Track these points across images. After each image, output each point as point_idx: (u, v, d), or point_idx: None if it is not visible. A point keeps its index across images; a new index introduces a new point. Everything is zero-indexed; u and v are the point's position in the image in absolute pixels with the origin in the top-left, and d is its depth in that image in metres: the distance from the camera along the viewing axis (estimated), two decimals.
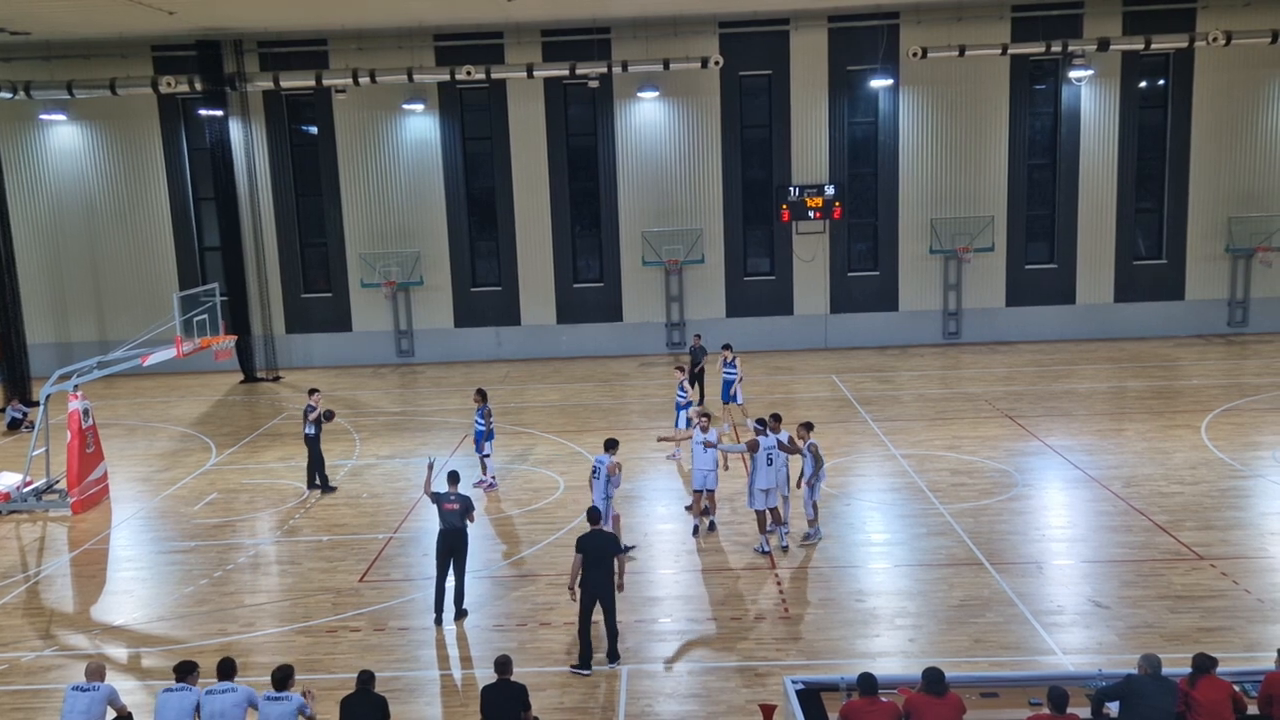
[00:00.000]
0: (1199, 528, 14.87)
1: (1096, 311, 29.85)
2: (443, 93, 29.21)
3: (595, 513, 11.79)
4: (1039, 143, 29.70)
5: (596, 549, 11.33)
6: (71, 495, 17.57)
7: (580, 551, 11.32)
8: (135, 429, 23.72)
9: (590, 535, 11.47)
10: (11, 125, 28.91)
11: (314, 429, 17.99)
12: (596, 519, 11.68)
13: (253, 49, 28.42)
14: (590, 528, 11.60)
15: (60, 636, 12.86)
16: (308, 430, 18.02)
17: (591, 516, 11.73)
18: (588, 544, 11.36)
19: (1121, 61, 28.53)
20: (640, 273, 29.95)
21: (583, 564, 11.27)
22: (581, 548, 11.35)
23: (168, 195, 29.89)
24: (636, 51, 27.97)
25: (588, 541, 11.39)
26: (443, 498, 12.78)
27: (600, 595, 11.27)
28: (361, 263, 29.83)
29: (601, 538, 11.47)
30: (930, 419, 21.76)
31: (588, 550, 11.31)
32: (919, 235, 29.56)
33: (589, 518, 11.74)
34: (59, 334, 30.11)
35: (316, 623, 12.87)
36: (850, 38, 28.63)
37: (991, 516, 15.65)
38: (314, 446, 18.10)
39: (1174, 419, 20.92)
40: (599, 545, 11.37)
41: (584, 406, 23.94)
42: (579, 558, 11.31)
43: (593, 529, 11.56)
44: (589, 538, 11.42)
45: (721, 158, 29.51)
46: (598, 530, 11.55)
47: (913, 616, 12.46)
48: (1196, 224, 29.37)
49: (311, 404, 18.09)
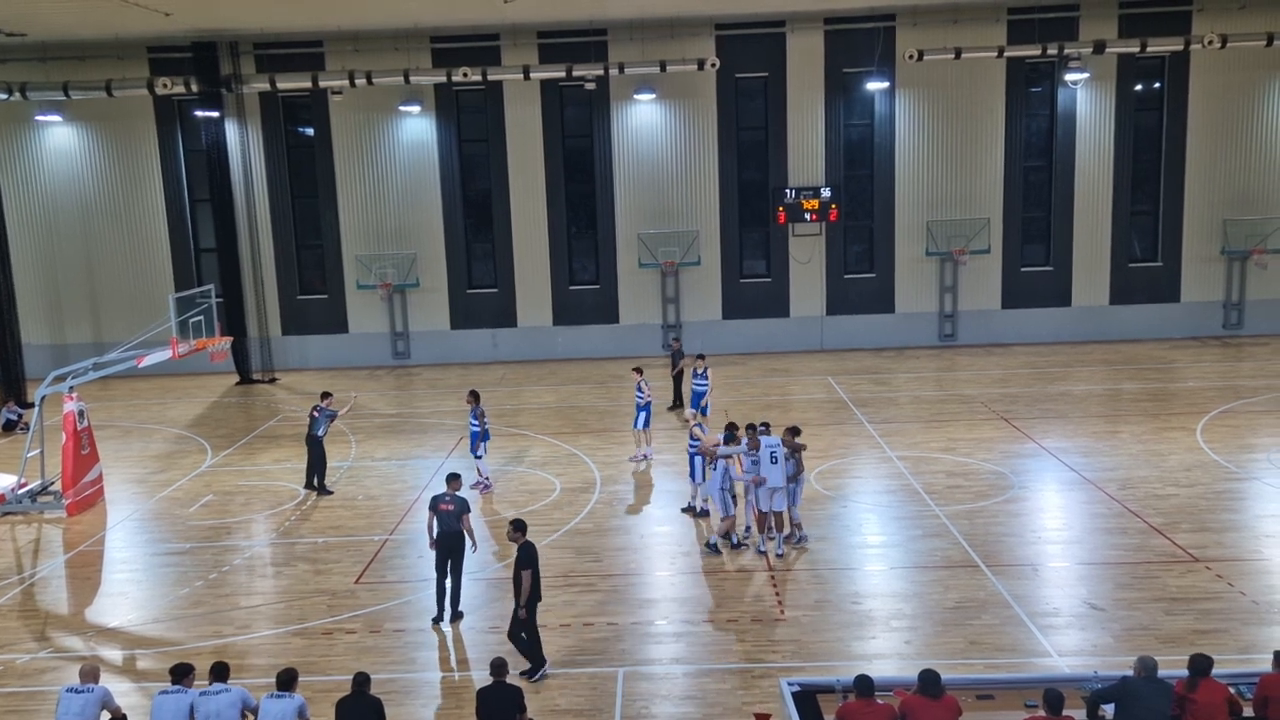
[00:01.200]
0: (1194, 530, 14.89)
1: (1092, 314, 29.89)
2: (439, 94, 29.20)
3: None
4: (1035, 145, 29.75)
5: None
6: (66, 497, 17.54)
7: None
8: (130, 431, 23.68)
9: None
10: (7, 126, 28.86)
11: (324, 430, 18.06)
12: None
13: (249, 50, 28.40)
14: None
15: (55, 638, 12.83)
16: (319, 432, 18.08)
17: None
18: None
19: (1117, 64, 28.58)
20: (636, 274, 29.95)
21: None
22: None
23: (163, 197, 29.84)
24: (633, 53, 27.99)
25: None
26: (439, 498, 12.75)
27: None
28: (357, 264, 29.80)
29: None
30: (926, 421, 21.78)
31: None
32: (915, 237, 29.59)
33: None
34: (54, 335, 30.04)
35: (312, 625, 12.85)
36: (846, 40, 28.67)
37: (987, 519, 15.66)
38: (319, 449, 18.14)
39: (1169, 421, 20.96)
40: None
41: (580, 408, 23.94)
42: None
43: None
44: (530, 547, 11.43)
45: (718, 160, 29.52)
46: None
47: (908, 618, 12.46)
48: (1192, 226, 29.43)
49: (323, 405, 18.20)
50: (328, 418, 18.20)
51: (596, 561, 14.61)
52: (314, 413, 18.29)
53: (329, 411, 18.24)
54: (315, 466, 18.26)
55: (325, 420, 18.17)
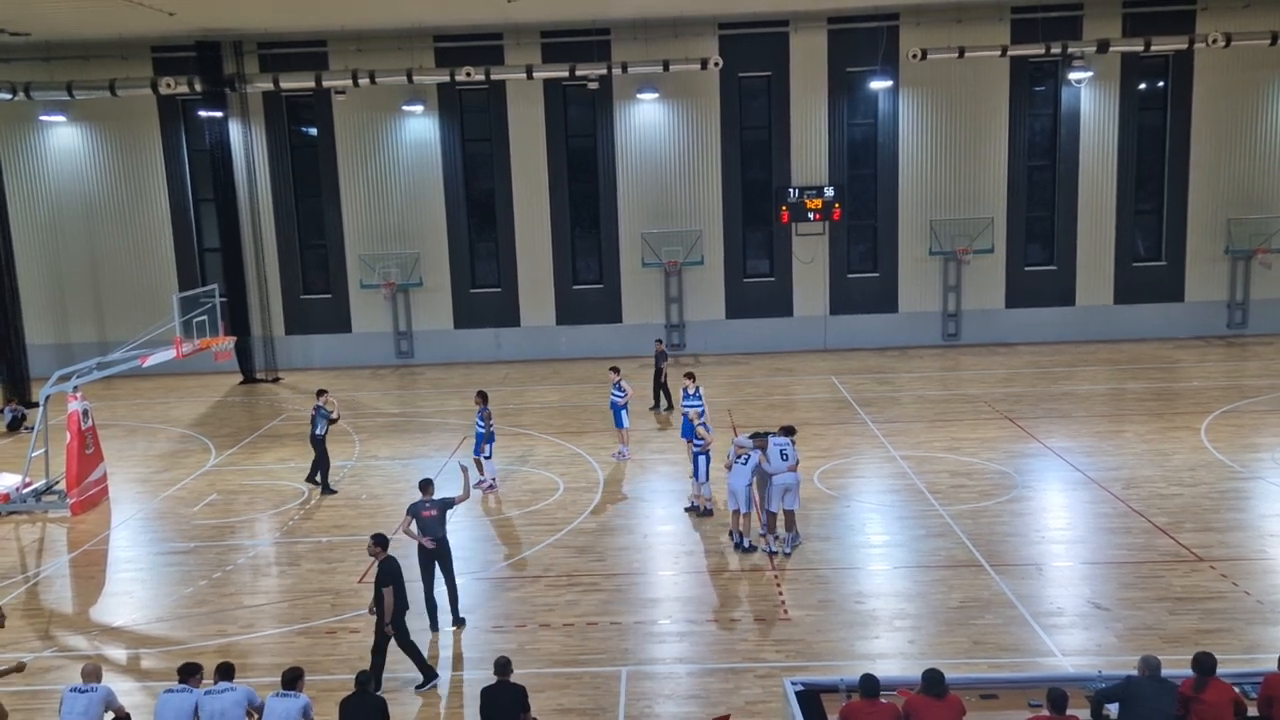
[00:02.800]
0: (1198, 529, 14.87)
1: (1096, 313, 29.85)
2: (442, 94, 29.22)
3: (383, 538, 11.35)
4: (1038, 144, 29.71)
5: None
6: (71, 496, 17.56)
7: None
8: (135, 430, 23.71)
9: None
10: (11, 126, 28.90)
11: (324, 429, 18.08)
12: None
13: (252, 50, 28.43)
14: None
15: (59, 637, 12.85)
16: (318, 431, 18.09)
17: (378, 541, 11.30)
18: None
19: (1121, 63, 28.54)
20: (640, 274, 29.95)
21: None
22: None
23: (167, 196, 29.89)
24: (636, 53, 27.98)
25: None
26: (419, 506, 12.46)
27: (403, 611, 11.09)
28: (361, 264, 29.83)
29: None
30: (930, 420, 21.76)
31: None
32: (918, 237, 29.57)
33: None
34: (58, 335, 30.10)
35: (316, 624, 12.86)
36: (850, 39, 28.65)
37: (991, 518, 15.65)
38: (322, 448, 18.19)
39: (1173, 421, 20.92)
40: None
41: (583, 408, 23.93)
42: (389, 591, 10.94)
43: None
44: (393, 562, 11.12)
45: (721, 159, 29.52)
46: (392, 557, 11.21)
47: (912, 618, 12.45)
48: (1196, 225, 29.39)
49: (320, 404, 18.24)
50: (324, 417, 18.22)
51: (600, 561, 14.61)
52: (313, 412, 18.33)
53: (324, 411, 18.27)
54: (319, 465, 18.30)
55: (322, 419, 18.20)
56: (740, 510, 14.59)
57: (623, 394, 19.59)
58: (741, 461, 14.43)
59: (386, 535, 11.38)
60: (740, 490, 14.43)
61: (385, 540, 11.22)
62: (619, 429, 19.74)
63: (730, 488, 14.59)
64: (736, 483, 14.44)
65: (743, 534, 14.71)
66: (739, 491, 14.45)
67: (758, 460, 14.36)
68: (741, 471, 14.40)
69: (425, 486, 12.81)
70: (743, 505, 14.53)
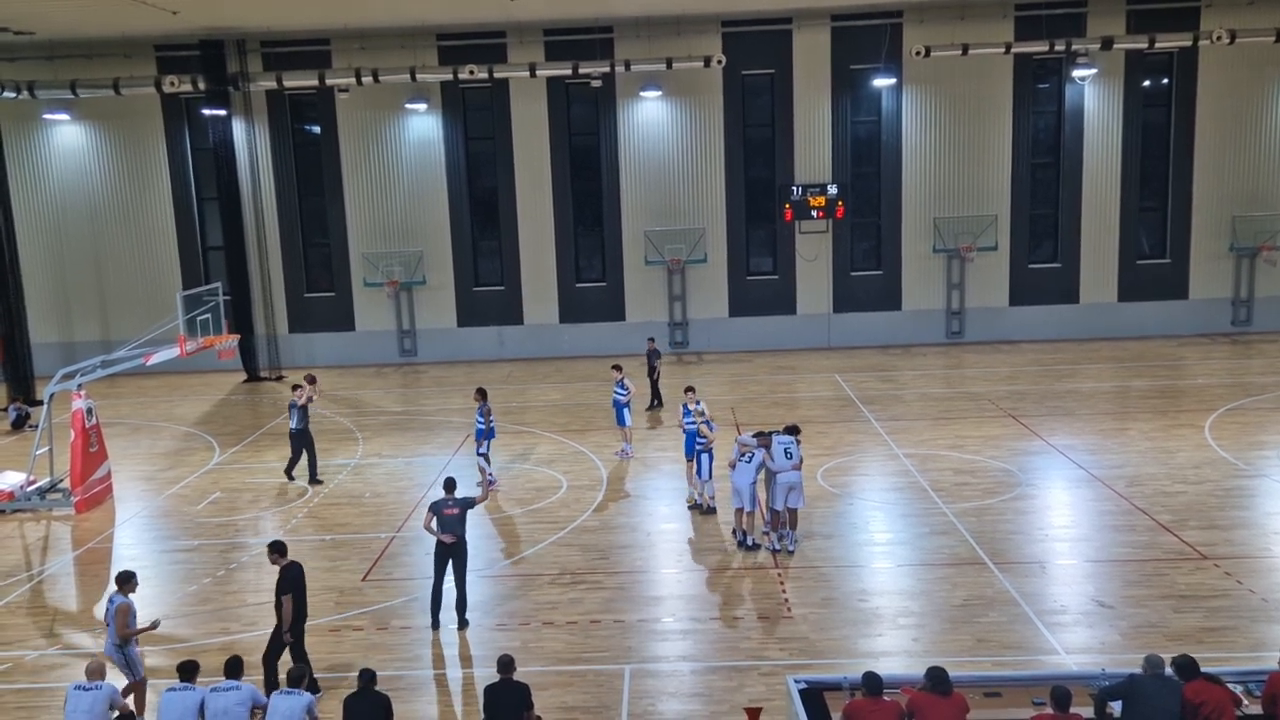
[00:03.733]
0: (1203, 527, 14.84)
1: (1100, 311, 29.80)
2: (445, 92, 29.22)
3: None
4: (1042, 141, 29.66)
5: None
6: (75, 494, 17.59)
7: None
8: (138, 428, 23.75)
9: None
10: (15, 125, 28.89)
11: (299, 422, 18.30)
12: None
13: (256, 49, 28.45)
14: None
15: (63, 635, 12.87)
16: (295, 425, 18.34)
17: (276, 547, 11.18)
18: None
19: (1125, 60, 28.49)
20: (643, 272, 29.94)
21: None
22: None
23: (171, 195, 29.92)
24: (639, 51, 27.96)
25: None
26: (442, 504, 12.50)
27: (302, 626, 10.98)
28: (364, 262, 29.84)
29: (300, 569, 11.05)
30: (933, 418, 21.74)
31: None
32: (922, 234, 29.54)
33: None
34: (62, 333, 30.14)
35: (319, 621, 12.85)
36: (853, 37, 28.61)
37: (995, 516, 15.63)
38: (299, 441, 18.45)
39: (1178, 418, 20.89)
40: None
41: (586, 406, 23.93)
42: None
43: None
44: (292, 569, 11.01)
45: (724, 157, 29.50)
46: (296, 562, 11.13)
47: (916, 616, 12.44)
48: (1200, 223, 29.33)
49: (295, 399, 18.45)
50: (296, 410, 18.41)
51: (603, 559, 14.61)
52: (293, 405, 18.66)
53: (294, 404, 18.47)
54: (295, 460, 18.66)
55: (294, 412, 18.39)
56: (744, 509, 14.58)
57: (625, 392, 19.60)
58: (745, 460, 14.42)
59: (284, 542, 11.21)
60: (744, 488, 14.43)
61: (283, 548, 11.09)
62: (621, 427, 19.74)
63: (734, 486, 14.58)
64: (740, 481, 14.43)
65: (746, 532, 14.71)
66: (743, 490, 14.45)
67: (762, 459, 14.35)
68: (745, 470, 14.39)
69: (449, 485, 12.85)
70: (746, 503, 14.52)
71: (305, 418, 18.49)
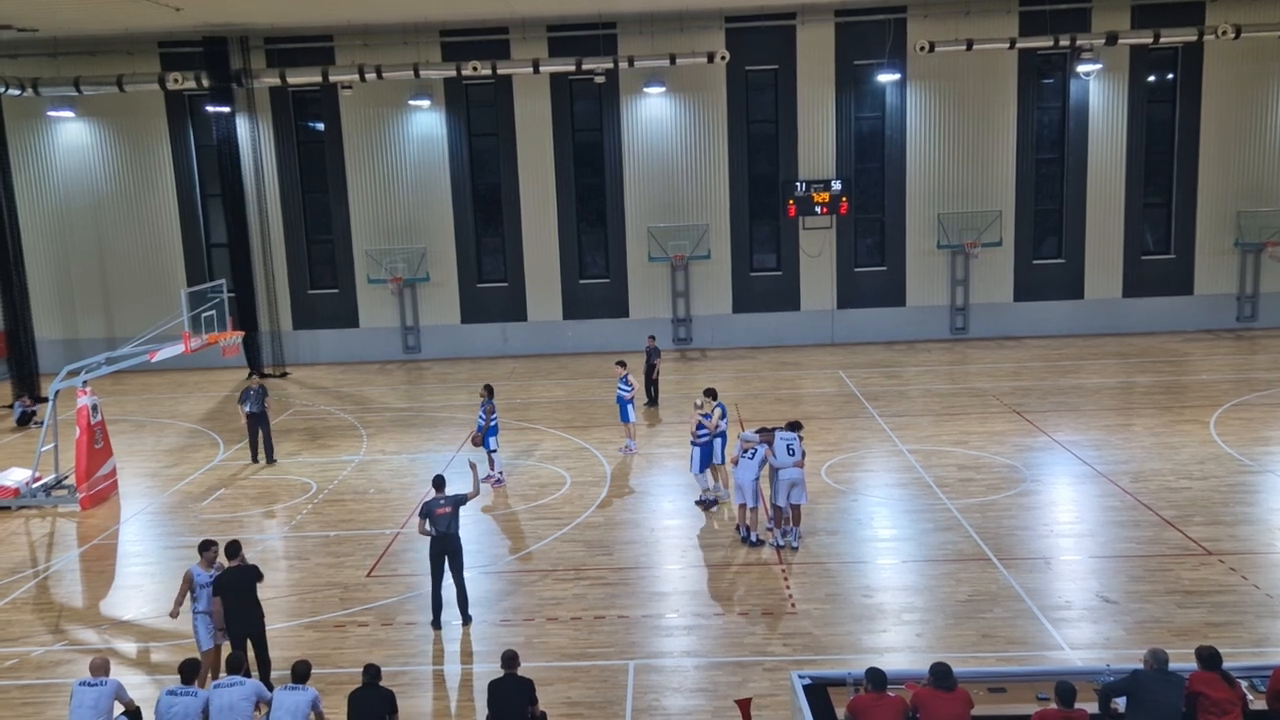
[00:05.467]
0: (1207, 523, 14.82)
1: (1105, 306, 29.76)
2: (449, 89, 29.21)
3: (234, 545, 11.16)
4: (1047, 137, 29.60)
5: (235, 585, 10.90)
6: (80, 491, 17.63)
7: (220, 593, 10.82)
8: (143, 425, 23.79)
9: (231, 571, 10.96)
10: (19, 122, 28.88)
11: (257, 407, 19.62)
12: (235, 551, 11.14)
13: (259, 45, 28.46)
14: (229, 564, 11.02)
15: (69, 631, 12.91)
16: (255, 409, 19.59)
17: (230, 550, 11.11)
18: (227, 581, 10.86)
19: (1130, 55, 28.40)
20: (646, 268, 29.93)
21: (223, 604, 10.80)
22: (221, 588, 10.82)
23: (175, 192, 29.94)
24: (642, 47, 27.93)
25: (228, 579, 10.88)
26: (433, 504, 12.44)
27: (247, 631, 10.85)
28: (368, 259, 29.86)
29: (239, 574, 11.00)
30: (938, 414, 21.72)
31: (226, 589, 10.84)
32: (926, 230, 29.50)
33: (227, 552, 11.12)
34: (67, 330, 30.19)
35: (324, 617, 12.90)
36: (857, 32, 28.56)
37: (999, 512, 15.62)
38: (264, 423, 19.81)
39: (1182, 414, 20.85)
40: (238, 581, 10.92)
41: (590, 402, 23.94)
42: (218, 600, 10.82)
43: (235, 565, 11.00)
44: (225, 576, 10.91)
45: (728, 153, 29.47)
46: (235, 567, 11.01)
47: (920, 611, 12.44)
48: (1205, 218, 29.26)
49: (253, 388, 19.99)
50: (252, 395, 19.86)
51: (607, 555, 14.63)
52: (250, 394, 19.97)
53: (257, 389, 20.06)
54: (268, 439, 20.00)
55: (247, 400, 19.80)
56: (747, 505, 14.59)
57: (629, 389, 19.64)
58: (749, 456, 14.43)
59: (238, 543, 11.21)
60: (747, 485, 14.43)
61: (232, 549, 11.06)
62: (625, 423, 19.76)
63: (737, 482, 14.59)
64: (743, 477, 14.44)
65: (750, 528, 14.72)
66: (746, 486, 14.45)
67: (764, 455, 14.36)
68: (749, 466, 14.39)
69: (439, 484, 12.83)
70: (749, 499, 14.53)
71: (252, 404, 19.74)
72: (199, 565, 11.00)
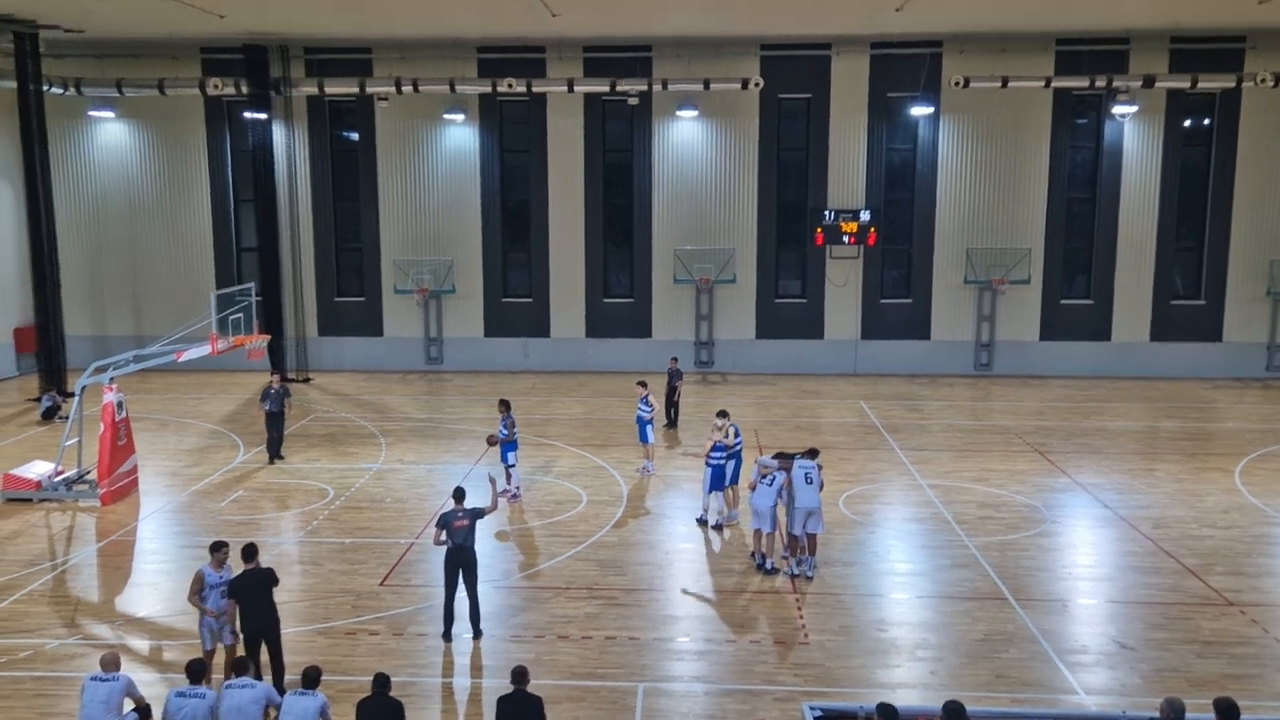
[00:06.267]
0: (1229, 573, 14.62)
1: (1132, 350, 29.51)
2: (483, 104, 29.46)
3: (251, 548, 11.21)
4: (1079, 176, 29.49)
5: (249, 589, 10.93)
6: (101, 486, 17.77)
7: (233, 595, 10.91)
8: (167, 424, 23.98)
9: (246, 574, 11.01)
10: (61, 121, 29.36)
11: (276, 406, 20.25)
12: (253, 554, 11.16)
13: (299, 55, 28.83)
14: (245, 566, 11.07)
15: (84, 626, 12.98)
16: (274, 408, 20.20)
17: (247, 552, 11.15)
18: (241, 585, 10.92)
19: (1166, 98, 28.29)
20: (671, 290, 29.98)
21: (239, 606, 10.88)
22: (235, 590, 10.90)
23: (209, 195, 30.31)
24: (677, 70, 28.10)
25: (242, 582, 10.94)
26: (451, 515, 12.44)
27: (262, 634, 10.94)
28: (395, 269, 30.07)
29: (255, 576, 11.02)
30: (959, 450, 21.57)
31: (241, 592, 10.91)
32: (954, 264, 29.40)
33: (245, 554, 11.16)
34: (96, 327, 30.52)
35: (336, 624, 12.91)
36: (892, 64, 28.61)
37: (1018, 551, 15.47)
38: (280, 422, 20.43)
39: (1207, 461, 20.61)
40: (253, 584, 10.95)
41: (609, 421, 23.93)
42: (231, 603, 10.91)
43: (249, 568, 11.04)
44: (241, 579, 10.98)
45: (757, 178, 29.53)
46: (250, 570, 11.06)
47: (934, 649, 12.31)
48: (1237, 265, 29.01)
49: (274, 386, 20.53)
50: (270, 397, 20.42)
51: (621, 575, 14.58)
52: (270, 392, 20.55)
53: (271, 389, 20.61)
54: (279, 438, 20.62)
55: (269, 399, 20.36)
56: (764, 530, 14.52)
57: (649, 409, 19.64)
58: (767, 482, 14.37)
59: (256, 546, 11.30)
60: (765, 510, 14.37)
61: (248, 552, 11.13)
62: (644, 444, 19.74)
63: (754, 508, 14.53)
64: (761, 503, 14.38)
65: (765, 555, 14.64)
66: (763, 512, 14.39)
67: (783, 481, 14.30)
68: (766, 492, 14.34)
69: (459, 496, 12.85)
70: (766, 525, 14.46)
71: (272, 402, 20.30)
72: (210, 566, 11.06)
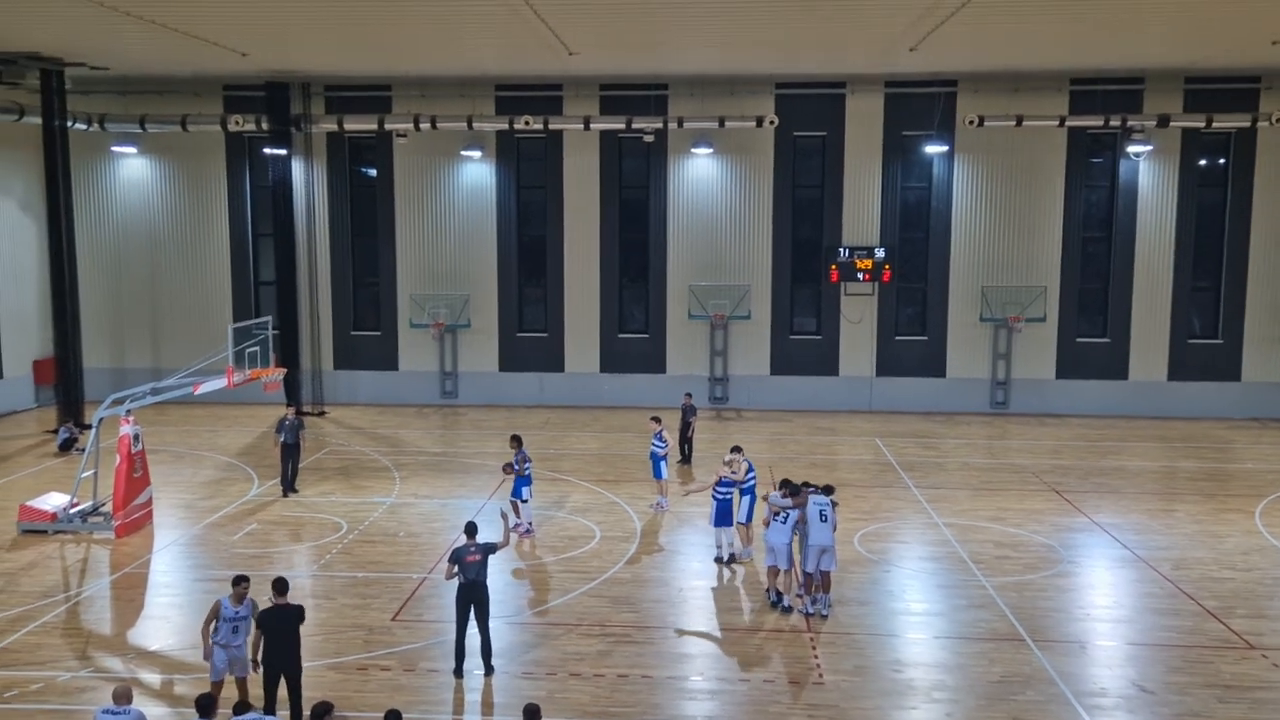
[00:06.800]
0: (1251, 616, 14.41)
1: (1149, 389, 29.33)
2: (500, 141, 29.76)
3: (282, 583, 11.21)
4: (1094, 215, 29.49)
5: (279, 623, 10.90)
6: (116, 519, 17.81)
7: (261, 627, 10.86)
8: (182, 456, 24.07)
9: (272, 611, 10.96)
10: (84, 156, 29.74)
11: (292, 438, 20.33)
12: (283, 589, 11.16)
13: (319, 92, 29.23)
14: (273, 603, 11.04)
15: (96, 658, 12.96)
16: (289, 440, 20.28)
17: (278, 587, 11.15)
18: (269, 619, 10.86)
19: (1181, 138, 28.32)
20: (685, 326, 30.03)
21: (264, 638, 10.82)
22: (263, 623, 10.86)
23: (228, 229, 30.63)
24: (693, 108, 28.34)
25: (269, 617, 10.88)
26: (464, 550, 12.39)
27: (284, 669, 10.87)
28: (411, 303, 30.24)
29: (285, 612, 10.98)
30: (975, 488, 21.42)
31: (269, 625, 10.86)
32: (969, 302, 29.37)
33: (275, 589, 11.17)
34: (114, 359, 30.75)
35: (347, 659, 12.85)
36: (906, 103, 28.78)
37: (1035, 592, 15.30)
38: (295, 454, 20.50)
39: (1226, 502, 20.40)
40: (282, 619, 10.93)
41: (623, 456, 23.89)
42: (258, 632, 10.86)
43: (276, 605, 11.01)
44: (270, 613, 10.92)
45: (772, 216, 29.65)
46: (281, 605, 11.03)
47: (950, 690, 12.16)
48: (1255, 305, 28.87)
49: (289, 418, 20.75)
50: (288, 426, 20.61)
51: (634, 612, 14.49)
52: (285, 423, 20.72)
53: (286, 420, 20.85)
54: (295, 471, 20.77)
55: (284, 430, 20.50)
56: (780, 567, 14.42)
57: (663, 445, 19.62)
58: (781, 520, 14.30)
59: (286, 581, 11.28)
60: (780, 547, 14.28)
61: (284, 588, 11.14)
62: (658, 480, 19.69)
63: (769, 544, 14.44)
64: (776, 540, 14.29)
65: (781, 592, 14.53)
66: (779, 548, 14.30)
67: (798, 518, 14.23)
68: (781, 529, 14.26)
69: (470, 530, 12.82)
70: (782, 562, 14.37)
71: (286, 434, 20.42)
72: (228, 599, 11.03)
